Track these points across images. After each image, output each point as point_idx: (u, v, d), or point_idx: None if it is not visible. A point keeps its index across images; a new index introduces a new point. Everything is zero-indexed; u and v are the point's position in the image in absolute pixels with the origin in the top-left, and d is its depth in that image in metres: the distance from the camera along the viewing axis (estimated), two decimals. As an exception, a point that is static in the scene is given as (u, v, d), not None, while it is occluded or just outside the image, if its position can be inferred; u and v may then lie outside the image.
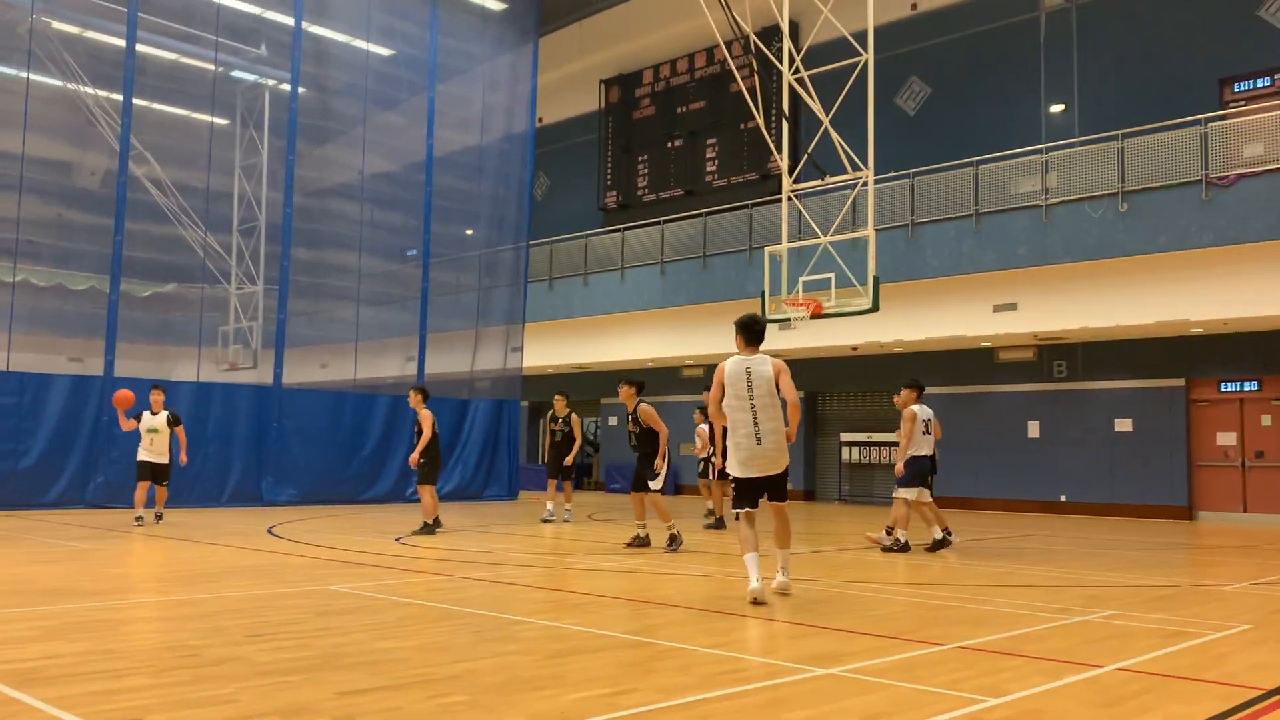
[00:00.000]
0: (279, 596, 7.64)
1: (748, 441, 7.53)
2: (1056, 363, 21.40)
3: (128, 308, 18.72)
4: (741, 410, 7.54)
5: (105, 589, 7.95)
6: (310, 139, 21.93)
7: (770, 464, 7.55)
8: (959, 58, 23.04)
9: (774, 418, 7.52)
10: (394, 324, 23.18)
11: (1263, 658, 5.75)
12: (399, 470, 20.60)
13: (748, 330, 7.76)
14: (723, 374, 7.65)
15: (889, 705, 4.52)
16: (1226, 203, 16.54)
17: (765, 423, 7.50)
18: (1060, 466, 21.06)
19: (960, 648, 5.89)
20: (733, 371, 7.61)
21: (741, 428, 7.54)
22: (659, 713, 4.32)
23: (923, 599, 8.09)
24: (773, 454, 7.53)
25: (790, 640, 6.20)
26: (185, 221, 20.81)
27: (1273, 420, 19.17)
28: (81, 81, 19.67)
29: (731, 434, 7.65)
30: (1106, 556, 11.82)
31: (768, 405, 7.52)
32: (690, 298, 23.29)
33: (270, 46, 22.28)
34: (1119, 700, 4.68)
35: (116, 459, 17.12)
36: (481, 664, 5.28)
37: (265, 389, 19.64)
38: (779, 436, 7.54)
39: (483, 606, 7.39)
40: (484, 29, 24.36)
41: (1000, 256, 18.83)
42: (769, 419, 7.51)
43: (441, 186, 22.83)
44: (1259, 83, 19.45)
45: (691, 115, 27.58)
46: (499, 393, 23.36)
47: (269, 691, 4.57)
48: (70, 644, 5.62)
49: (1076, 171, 18.25)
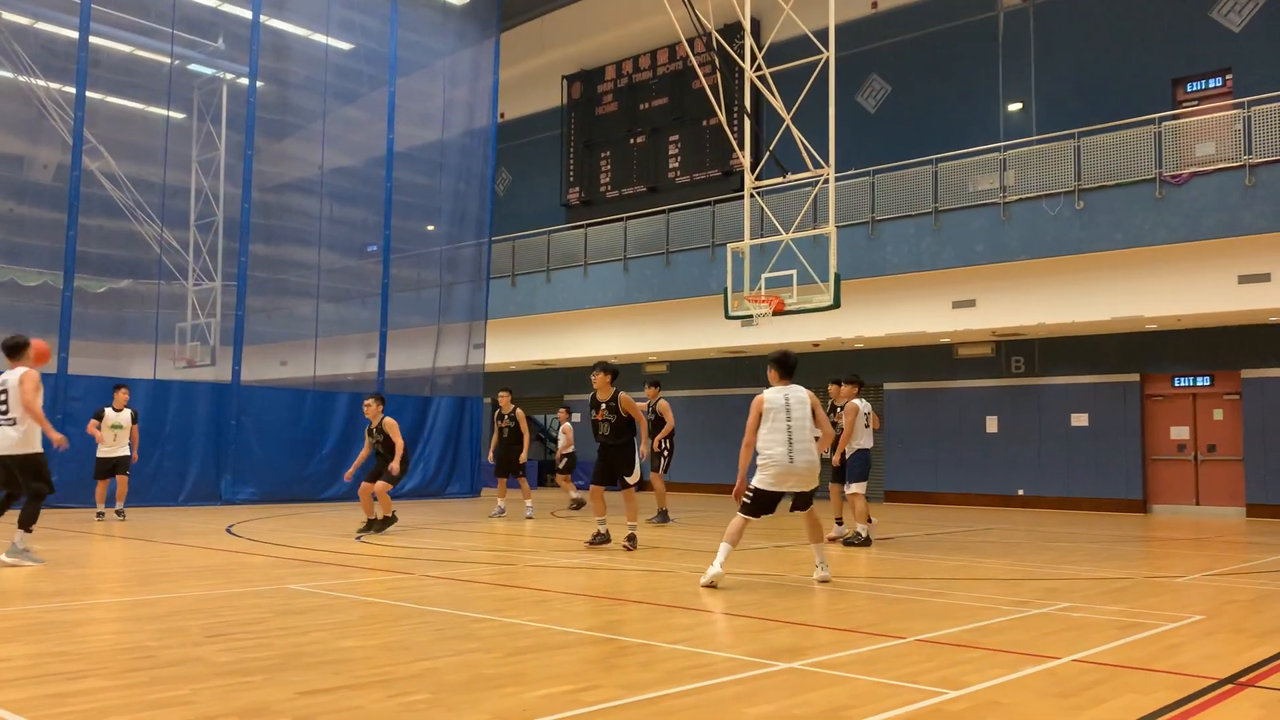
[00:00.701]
0: (238, 596, 7.56)
1: (782, 459, 8.18)
2: (1014, 358, 21.66)
3: (82, 304, 18.41)
4: (778, 432, 8.23)
5: (60, 590, 7.82)
6: (269, 133, 21.66)
7: (801, 482, 8.27)
8: (919, 56, 23.24)
9: (807, 439, 8.27)
10: (354, 320, 22.98)
11: (1214, 648, 5.86)
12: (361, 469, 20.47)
13: (781, 365, 8.52)
14: (762, 404, 8.31)
15: (850, 698, 4.55)
16: (1179, 201, 16.82)
17: (799, 444, 8.21)
18: (1018, 461, 21.33)
19: (920, 641, 5.95)
20: (773, 401, 8.32)
21: (776, 447, 8.21)
22: (622, 709, 4.33)
23: (883, 593, 8.16)
24: (803, 473, 8.23)
25: (753, 635, 6.23)
26: (141, 217, 20.50)
27: (1224, 414, 19.52)
28: (33, 74, 19.30)
29: (764, 452, 8.26)
30: (1063, 550, 11.99)
31: (804, 429, 8.26)
32: (653, 294, 23.31)
33: (228, 40, 22.00)
34: (1076, 691, 4.75)
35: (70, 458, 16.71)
36: (443, 662, 5.26)
37: (224, 386, 19.39)
38: (812, 458, 8.28)
39: (444, 604, 7.36)
40: (445, 23, 24.20)
41: (959, 254, 19.03)
42: (802, 440, 8.23)
43: (402, 182, 22.64)
44: (1211, 83, 19.79)
45: (654, 112, 27.59)
46: (461, 390, 23.23)
47: (228, 692, 4.53)
48: (24, 646, 5.52)
49: (1034, 170, 18.48)
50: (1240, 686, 4.89)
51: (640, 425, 11.51)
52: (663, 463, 15.78)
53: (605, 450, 11.36)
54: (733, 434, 25.85)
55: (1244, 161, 16.28)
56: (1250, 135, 16.39)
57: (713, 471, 26.04)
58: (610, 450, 11.32)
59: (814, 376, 24.68)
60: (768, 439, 8.25)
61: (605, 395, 11.31)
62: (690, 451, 25.04)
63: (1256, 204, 16.13)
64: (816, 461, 8.32)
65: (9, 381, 8.75)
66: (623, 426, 11.31)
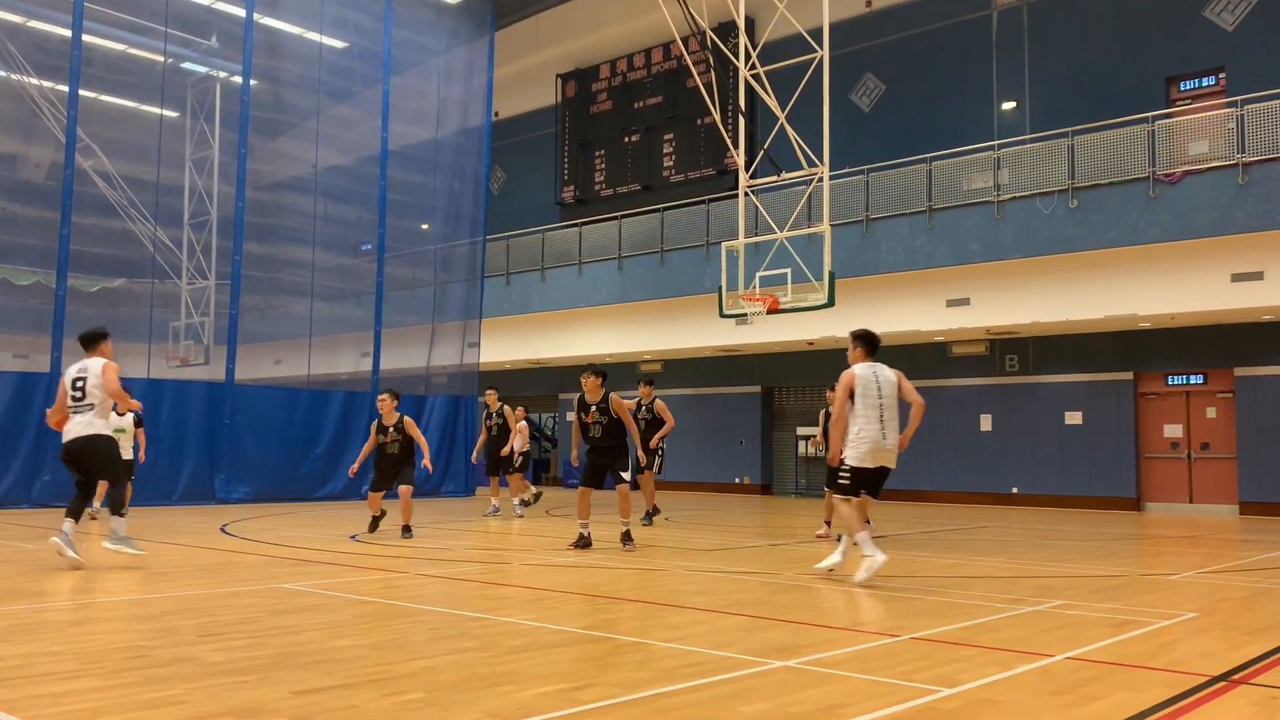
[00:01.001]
0: (232, 595, 7.55)
1: (875, 436, 8.35)
2: (1008, 357, 21.69)
3: (75, 303, 18.34)
4: (870, 409, 8.37)
5: (52, 590, 7.80)
6: (262, 132, 21.62)
7: (888, 458, 8.42)
8: (913, 55, 23.25)
9: (895, 418, 8.46)
10: (348, 319, 22.95)
11: (1208, 645, 5.87)
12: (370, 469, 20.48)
13: (867, 341, 8.71)
14: (853, 379, 8.44)
15: (845, 696, 4.55)
16: (1173, 199, 16.85)
17: (889, 422, 8.41)
18: (1012, 459, 21.37)
19: (915, 639, 5.95)
20: (864, 377, 8.45)
21: (870, 425, 8.36)
22: (616, 707, 4.33)
23: (877, 591, 8.17)
24: (892, 450, 8.41)
25: (747, 633, 6.23)
26: (134, 215, 20.44)
27: (1218, 412, 19.58)
28: (26, 72, 19.24)
29: (856, 430, 8.40)
30: (1057, 547, 12.01)
31: (892, 406, 8.45)
32: (648, 293, 23.31)
33: (221, 38, 21.94)
34: (1070, 688, 4.76)
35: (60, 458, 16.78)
36: (438, 661, 5.25)
37: (217, 385, 19.36)
38: (898, 436, 8.48)
39: (438, 603, 7.35)
40: (439, 22, 24.17)
41: (953, 252, 19.05)
42: (892, 419, 8.43)
43: (396, 180, 22.62)
44: (1204, 81, 19.83)
45: (648, 110, 27.59)
46: (455, 389, 23.21)
47: (222, 691, 4.51)
48: (15, 646, 5.50)
49: (1028, 168, 18.50)
50: (1234, 684, 4.90)
51: (630, 428, 11.33)
52: (657, 461, 15.76)
53: (595, 452, 11.16)
54: (727, 432, 25.91)
55: (1237, 160, 16.32)
56: (1243, 134, 16.42)
57: (706, 470, 26.07)
58: (600, 452, 11.13)
59: (813, 376, 24.82)
60: (862, 415, 8.37)
61: (595, 397, 11.13)
62: (684, 450, 25.06)
63: (1249, 202, 16.17)
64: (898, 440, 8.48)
65: (89, 369, 9.03)
66: (613, 428, 11.12)
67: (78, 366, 9.12)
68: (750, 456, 25.65)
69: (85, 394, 8.99)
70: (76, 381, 9.01)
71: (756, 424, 25.52)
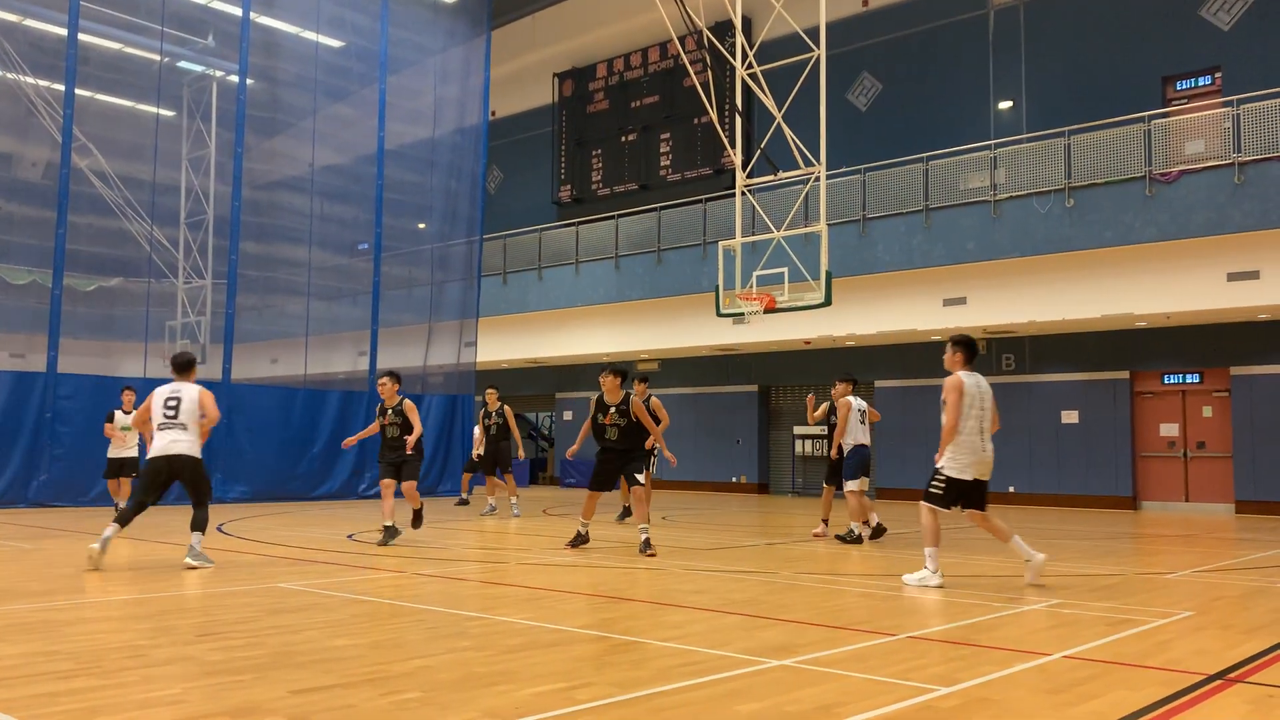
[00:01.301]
0: (229, 595, 7.54)
1: (977, 447, 8.34)
2: (1005, 356, 21.71)
3: (71, 302, 18.33)
4: (973, 419, 8.35)
5: (49, 589, 7.80)
6: (259, 131, 21.60)
7: (986, 470, 8.41)
8: (909, 54, 23.27)
9: (989, 427, 8.43)
10: (345, 319, 22.93)
11: (1204, 644, 5.89)
12: (351, 466, 20.43)
13: (968, 348, 8.64)
14: (962, 387, 8.37)
15: (841, 695, 4.56)
16: (1169, 199, 16.88)
17: (987, 432, 8.41)
18: (1009, 458, 21.33)
19: (911, 638, 5.96)
20: (972, 385, 8.43)
21: (973, 435, 8.34)
22: (614, 706, 4.33)
23: (874, 590, 8.18)
24: (990, 461, 8.40)
25: (744, 632, 6.24)
26: (130, 215, 20.43)
27: (1214, 411, 19.61)
28: (22, 71, 19.22)
29: (959, 441, 8.33)
30: (1054, 546, 12.02)
31: (988, 417, 8.45)
32: (645, 292, 23.31)
33: (217, 37, 21.91)
34: (1067, 687, 4.77)
35: (60, 456, 16.79)
36: (435, 660, 5.25)
37: (214, 385, 19.31)
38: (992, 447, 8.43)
39: (436, 603, 7.35)
40: (435, 21, 24.16)
41: (950, 251, 19.06)
42: (988, 429, 8.43)
43: (393, 180, 22.60)
44: (1200, 81, 19.86)
45: (645, 109, 27.59)
46: (452, 388, 23.20)
47: (219, 691, 4.51)
48: (12, 646, 5.50)
49: (1024, 168, 18.52)
50: (1229, 682, 4.91)
51: (652, 430, 11.03)
52: (652, 461, 15.77)
53: (608, 454, 10.84)
54: (724, 431, 25.92)
55: (1233, 159, 16.34)
56: (1239, 133, 16.45)
57: (703, 469, 26.08)
58: (615, 455, 10.81)
59: (810, 375, 24.83)
60: (966, 425, 8.30)
61: (615, 398, 10.71)
62: (681, 449, 25.05)
63: (1245, 202, 16.19)
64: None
65: (183, 391, 9.71)
66: (631, 431, 10.73)
67: (171, 388, 9.74)
68: (747, 455, 25.66)
69: (178, 414, 9.62)
70: (169, 401, 9.64)
71: (753, 423, 25.53)
